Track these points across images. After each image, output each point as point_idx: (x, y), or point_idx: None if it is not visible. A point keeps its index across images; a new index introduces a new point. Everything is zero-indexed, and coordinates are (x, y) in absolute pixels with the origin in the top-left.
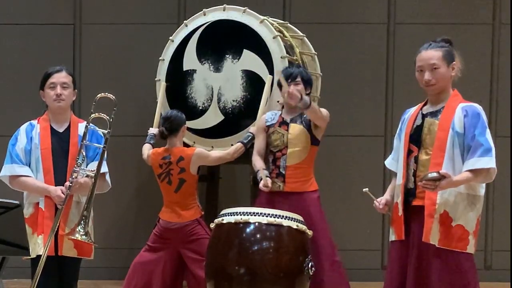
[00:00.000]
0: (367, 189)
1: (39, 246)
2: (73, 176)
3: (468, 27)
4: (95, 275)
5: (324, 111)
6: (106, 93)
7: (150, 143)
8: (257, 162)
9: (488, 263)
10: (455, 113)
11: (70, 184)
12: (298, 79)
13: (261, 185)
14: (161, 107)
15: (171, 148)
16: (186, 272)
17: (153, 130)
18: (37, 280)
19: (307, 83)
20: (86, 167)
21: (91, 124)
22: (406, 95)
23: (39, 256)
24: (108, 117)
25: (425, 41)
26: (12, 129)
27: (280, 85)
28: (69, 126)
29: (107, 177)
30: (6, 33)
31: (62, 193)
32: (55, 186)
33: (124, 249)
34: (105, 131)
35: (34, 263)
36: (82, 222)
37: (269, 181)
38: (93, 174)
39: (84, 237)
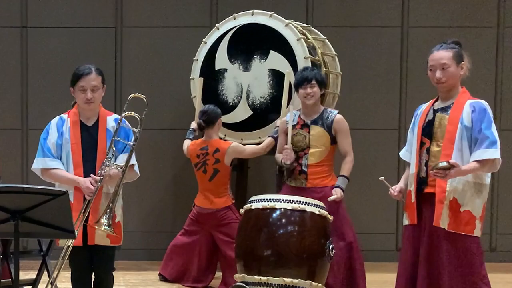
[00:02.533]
0: (383, 177)
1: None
2: (104, 170)
3: (475, 30)
4: (136, 256)
5: (351, 163)
6: (138, 94)
7: (189, 138)
8: (279, 156)
9: (493, 245)
10: (464, 109)
11: (101, 177)
12: (313, 81)
13: (283, 158)
14: (200, 102)
15: (209, 140)
16: (218, 254)
17: (193, 125)
18: (61, 266)
19: (322, 83)
20: (116, 159)
21: (122, 120)
22: (418, 92)
23: (73, 247)
24: (139, 116)
25: (436, 43)
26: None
27: (297, 87)
28: (97, 120)
29: (136, 168)
30: (52, 35)
31: (92, 184)
32: (83, 174)
33: (162, 232)
34: (136, 130)
35: (73, 250)
36: (106, 214)
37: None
38: (122, 167)
39: (107, 228)
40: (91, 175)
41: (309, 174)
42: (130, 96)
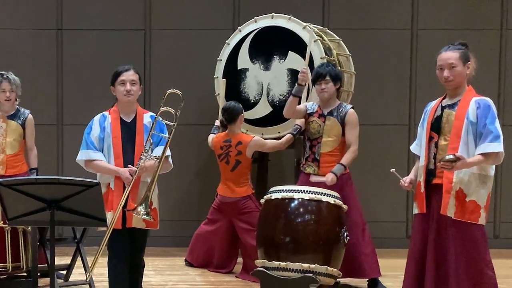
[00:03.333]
0: (393, 169)
1: (108, 221)
2: (141, 161)
3: (480, 32)
4: (164, 242)
5: (353, 154)
6: (175, 90)
7: (213, 133)
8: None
9: (496, 232)
10: (469, 106)
11: (137, 169)
12: (327, 77)
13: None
14: (223, 99)
15: (232, 134)
16: (240, 241)
17: (217, 122)
18: (101, 250)
19: (336, 79)
20: (152, 152)
21: (158, 116)
22: (427, 90)
23: (120, 229)
24: (175, 111)
25: (443, 44)
26: (89, 119)
27: (313, 83)
28: (135, 117)
29: (170, 159)
30: (85, 38)
31: (130, 174)
32: (123, 164)
33: (188, 220)
34: (171, 123)
35: (113, 234)
36: (144, 203)
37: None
38: (158, 158)
39: (145, 216)
40: (129, 166)
41: (321, 162)
42: (168, 91)
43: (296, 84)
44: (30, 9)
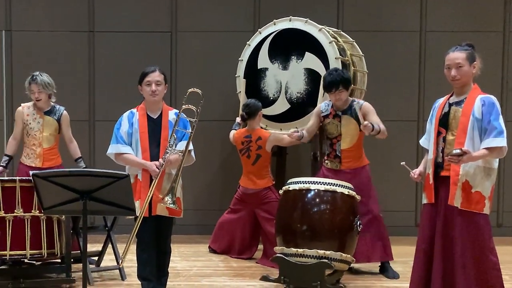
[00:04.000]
0: (404, 163)
1: (137, 208)
2: (166, 155)
3: (485, 33)
4: (189, 231)
5: (384, 130)
6: (195, 88)
7: (235, 129)
8: (304, 130)
9: (500, 221)
10: (475, 103)
11: (163, 163)
12: (341, 87)
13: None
14: (244, 97)
15: (252, 129)
16: (260, 229)
17: (238, 119)
18: (133, 236)
19: (347, 84)
20: (176, 146)
21: (181, 113)
22: (435, 88)
23: (147, 217)
24: (196, 108)
25: (450, 45)
26: (119, 115)
27: (328, 89)
28: (161, 114)
29: (192, 153)
30: (116, 39)
31: (157, 167)
32: (151, 161)
33: (212, 210)
34: (193, 120)
35: (141, 223)
36: (170, 193)
37: (296, 133)
38: (182, 152)
39: (172, 205)
40: (155, 162)
41: (342, 158)
42: (188, 90)
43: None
44: (64, 13)
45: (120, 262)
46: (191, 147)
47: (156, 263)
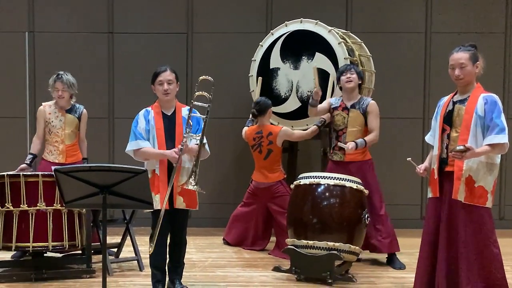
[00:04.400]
0: (410, 158)
1: (156, 202)
2: (183, 141)
3: (487, 35)
4: (204, 223)
5: (374, 138)
6: (206, 76)
7: (247, 126)
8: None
9: (502, 214)
10: (478, 101)
11: (182, 147)
12: (352, 70)
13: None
14: (258, 95)
15: (262, 126)
16: (273, 222)
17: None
18: (159, 228)
19: (359, 75)
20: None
21: (193, 109)
22: (439, 87)
23: (157, 210)
24: (208, 94)
25: (454, 46)
26: (137, 113)
27: (339, 77)
28: (174, 111)
29: (207, 147)
30: (134, 40)
31: (176, 153)
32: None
33: (226, 203)
34: (206, 105)
35: (154, 216)
36: (192, 176)
37: (318, 90)
38: (198, 139)
39: (195, 187)
40: (173, 149)
41: (347, 150)
42: (200, 78)
43: (311, 98)
44: (85, 15)
45: (149, 250)
46: (205, 140)
47: (172, 254)
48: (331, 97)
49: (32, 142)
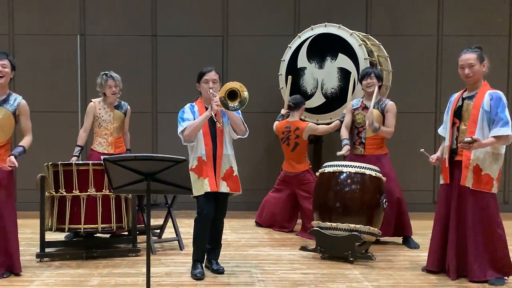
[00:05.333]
0: (423, 149)
1: (206, 185)
2: (211, 91)
3: (492, 37)
4: (238, 207)
5: (389, 132)
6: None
7: (278, 120)
8: (343, 132)
9: (506, 199)
10: (484, 97)
11: (217, 104)
12: (372, 75)
13: (342, 152)
14: (288, 94)
15: (291, 121)
16: (299, 206)
17: (283, 111)
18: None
19: (378, 78)
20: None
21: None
22: (450, 84)
23: (207, 193)
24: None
25: (464, 47)
26: (177, 107)
27: (362, 77)
28: None
29: (243, 124)
30: (174, 42)
31: (212, 110)
32: (210, 144)
33: (258, 189)
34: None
35: (202, 198)
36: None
37: (346, 149)
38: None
39: (238, 105)
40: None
41: (366, 145)
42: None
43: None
44: (130, 19)
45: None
46: (241, 116)
47: (211, 236)
48: (352, 93)
49: (79, 135)
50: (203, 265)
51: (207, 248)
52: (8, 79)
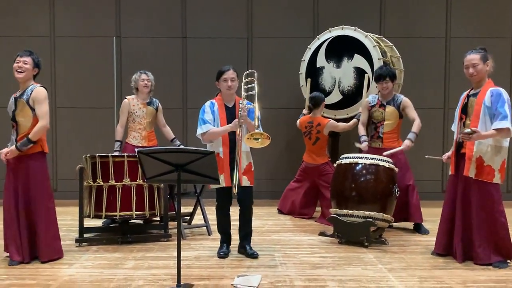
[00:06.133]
0: (427, 156)
1: (222, 181)
2: (240, 113)
3: (496, 39)
4: (262, 196)
5: (419, 124)
6: (251, 70)
7: (300, 118)
8: (361, 129)
9: (509, 188)
10: (486, 94)
11: (242, 113)
12: (387, 78)
13: (361, 146)
14: (308, 92)
15: (313, 117)
16: (319, 195)
17: (305, 111)
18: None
19: (393, 78)
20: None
21: (246, 101)
22: (457, 83)
23: (223, 187)
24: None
25: (470, 48)
26: (201, 105)
27: (377, 80)
28: (234, 103)
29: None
30: (203, 43)
31: (237, 123)
32: (228, 142)
33: (280, 179)
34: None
35: (219, 191)
36: (257, 124)
37: (365, 145)
38: (253, 106)
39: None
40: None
41: (384, 139)
42: (245, 72)
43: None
44: (162, 22)
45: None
46: (259, 115)
47: (242, 225)
48: (367, 90)
49: (116, 130)
50: (230, 247)
51: (240, 236)
52: (28, 75)
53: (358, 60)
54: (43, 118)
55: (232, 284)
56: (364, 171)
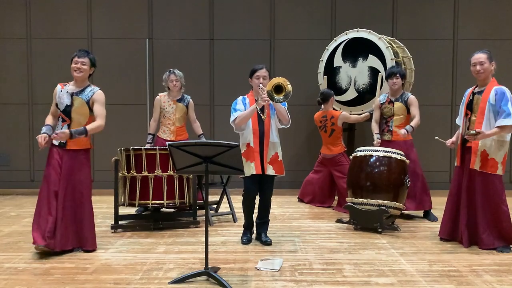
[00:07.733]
0: (437, 137)
1: (252, 168)
2: (260, 92)
3: (501, 41)
4: (283, 185)
5: (417, 121)
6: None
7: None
8: (374, 127)
9: (511, 179)
10: (491, 92)
11: (263, 96)
12: (397, 75)
13: (374, 143)
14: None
15: (327, 111)
16: (335, 185)
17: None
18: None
19: (402, 76)
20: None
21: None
22: (464, 81)
23: (253, 175)
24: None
25: (476, 49)
26: (231, 100)
27: (388, 76)
28: None
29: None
30: (228, 45)
31: (263, 100)
32: (258, 132)
33: (300, 170)
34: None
35: (247, 179)
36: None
37: (377, 142)
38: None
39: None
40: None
41: (393, 132)
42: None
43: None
44: (191, 25)
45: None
46: (286, 107)
47: (260, 213)
48: (380, 88)
49: (150, 124)
50: (253, 234)
51: (256, 223)
52: (86, 74)
53: (372, 60)
54: (101, 118)
55: (256, 267)
56: (377, 163)
